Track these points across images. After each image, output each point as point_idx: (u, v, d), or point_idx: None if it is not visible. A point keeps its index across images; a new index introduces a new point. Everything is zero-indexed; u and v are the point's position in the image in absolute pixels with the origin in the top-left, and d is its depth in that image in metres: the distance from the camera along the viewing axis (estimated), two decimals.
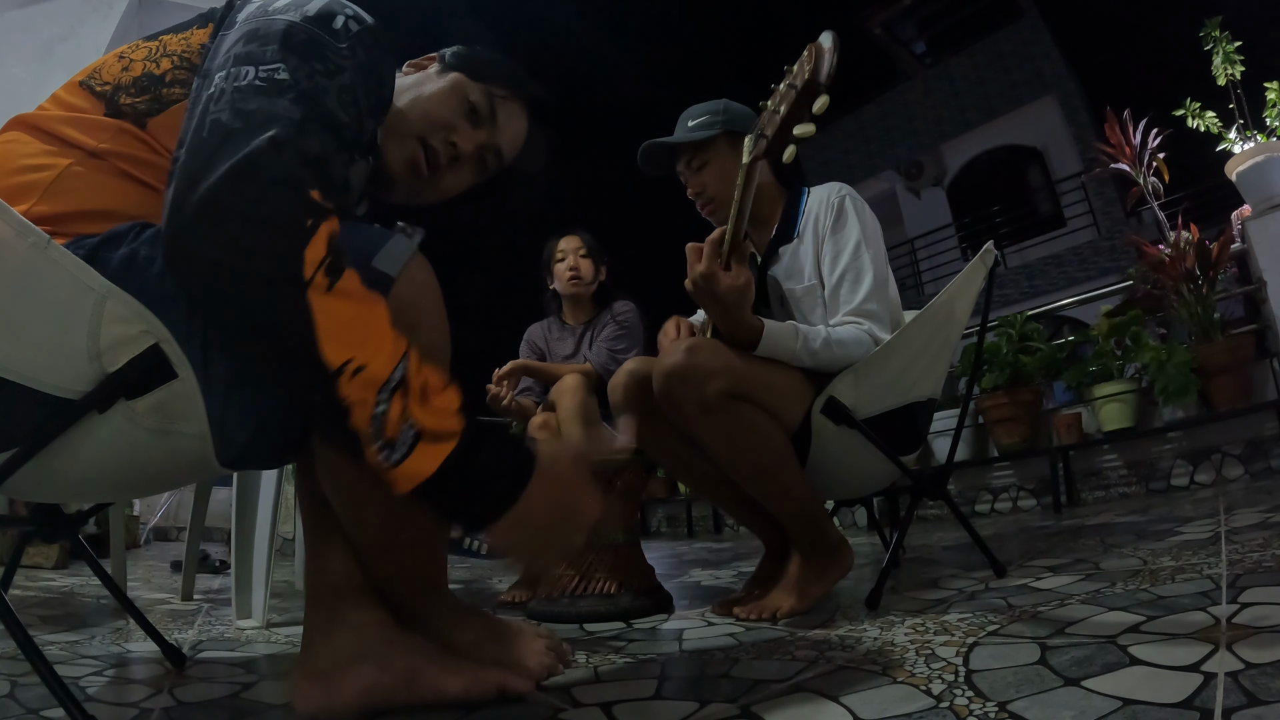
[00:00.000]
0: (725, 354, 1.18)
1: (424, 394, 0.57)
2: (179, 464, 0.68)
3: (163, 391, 0.62)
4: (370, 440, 0.56)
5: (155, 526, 5.10)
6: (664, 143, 1.44)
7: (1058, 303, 4.43)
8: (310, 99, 0.61)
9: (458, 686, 0.71)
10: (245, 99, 0.58)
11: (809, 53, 1.01)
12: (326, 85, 0.63)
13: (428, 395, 0.57)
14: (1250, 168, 2.94)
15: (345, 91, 0.64)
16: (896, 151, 12.37)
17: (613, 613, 1.36)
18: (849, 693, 0.71)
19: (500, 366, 2.00)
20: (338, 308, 0.54)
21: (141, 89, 0.71)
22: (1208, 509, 1.92)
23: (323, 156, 0.59)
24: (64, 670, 0.90)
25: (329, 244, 0.55)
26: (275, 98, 0.59)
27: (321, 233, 0.55)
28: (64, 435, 0.61)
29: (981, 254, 1.31)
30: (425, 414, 0.57)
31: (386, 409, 0.55)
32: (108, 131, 0.69)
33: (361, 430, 0.55)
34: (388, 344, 0.57)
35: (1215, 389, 2.68)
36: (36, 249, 0.58)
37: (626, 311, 2.10)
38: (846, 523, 3.58)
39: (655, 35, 16.52)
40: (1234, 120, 3.08)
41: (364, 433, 0.55)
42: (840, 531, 1.32)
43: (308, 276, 0.53)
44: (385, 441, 0.55)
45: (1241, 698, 0.56)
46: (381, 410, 0.55)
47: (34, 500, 0.96)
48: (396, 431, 0.55)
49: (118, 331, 0.60)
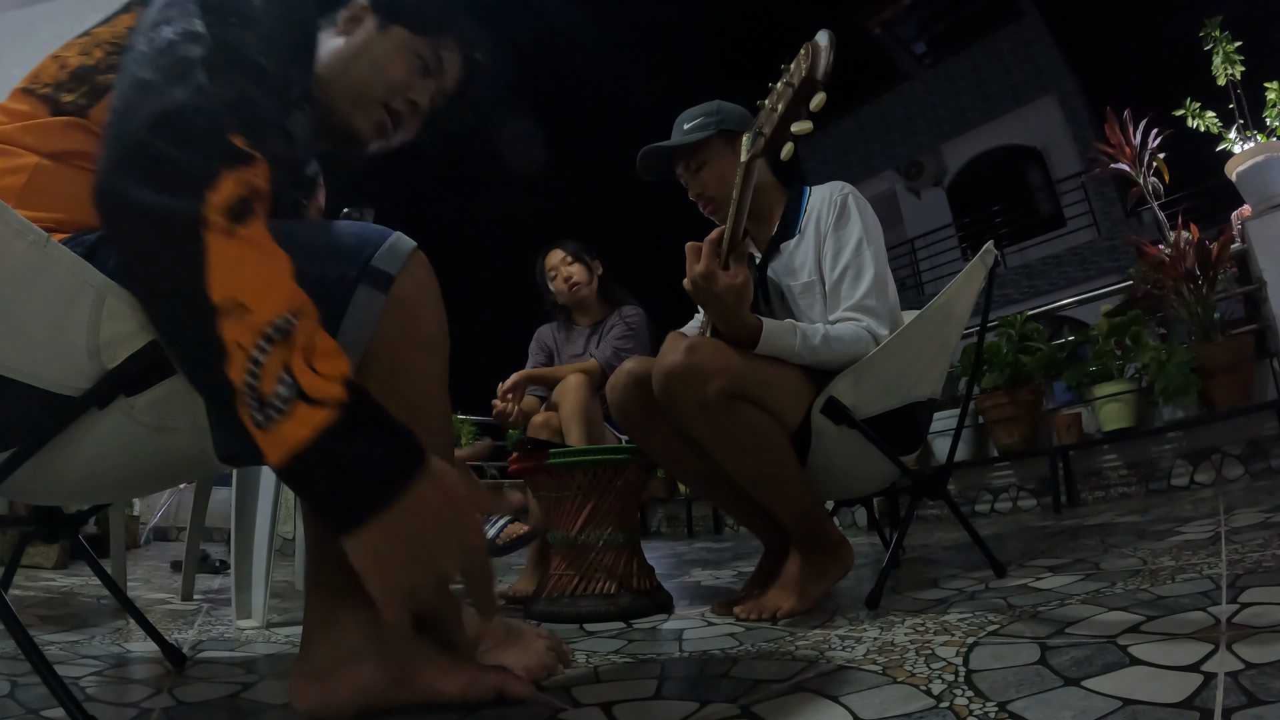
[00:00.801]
0: (725, 354, 1.18)
1: (309, 354, 0.52)
2: (178, 461, 0.68)
3: (162, 388, 0.62)
4: (243, 395, 0.51)
5: (155, 526, 5.11)
6: (661, 147, 1.44)
7: (1058, 303, 4.42)
8: (227, 48, 0.61)
9: (456, 687, 0.71)
10: (163, 54, 0.59)
11: (806, 50, 1.02)
12: (243, 35, 0.63)
13: (313, 356, 0.52)
14: (1250, 168, 2.94)
15: (264, 40, 0.65)
16: (896, 151, 12.37)
17: (613, 613, 1.36)
18: (849, 693, 0.71)
19: (502, 375, 1.99)
20: (234, 251, 0.52)
21: (79, 81, 0.72)
22: (1208, 509, 1.92)
23: (243, 103, 0.59)
24: (64, 670, 0.90)
25: (244, 188, 0.54)
26: (191, 47, 0.59)
27: (235, 176, 0.54)
28: (63, 433, 0.61)
29: (981, 254, 1.31)
30: (307, 375, 0.52)
31: (264, 359, 0.51)
32: (55, 131, 0.70)
33: (235, 382, 0.51)
34: (281, 295, 0.53)
35: (1215, 389, 2.68)
36: (36, 247, 0.58)
37: (634, 315, 2.13)
38: (846, 523, 3.58)
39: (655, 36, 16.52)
40: (1234, 120, 3.08)
41: (238, 385, 0.51)
42: (840, 531, 1.32)
43: (209, 216, 0.52)
44: (259, 398, 0.51)
45: (1241, 698, 0.55)
46: (258, 360, 0.51)
47: (34, 502, 0.96)
48: (272, 388, 0.51)
49: (117, 328, 0.60)
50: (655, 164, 1.48)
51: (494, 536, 1.47)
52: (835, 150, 12.92)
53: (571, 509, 1.47)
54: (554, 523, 1.51)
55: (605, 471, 1.47)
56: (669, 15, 16.12)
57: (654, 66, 15.54)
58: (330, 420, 0.51)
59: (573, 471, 1.47)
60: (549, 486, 1.51)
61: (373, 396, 0.55)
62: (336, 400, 0.52)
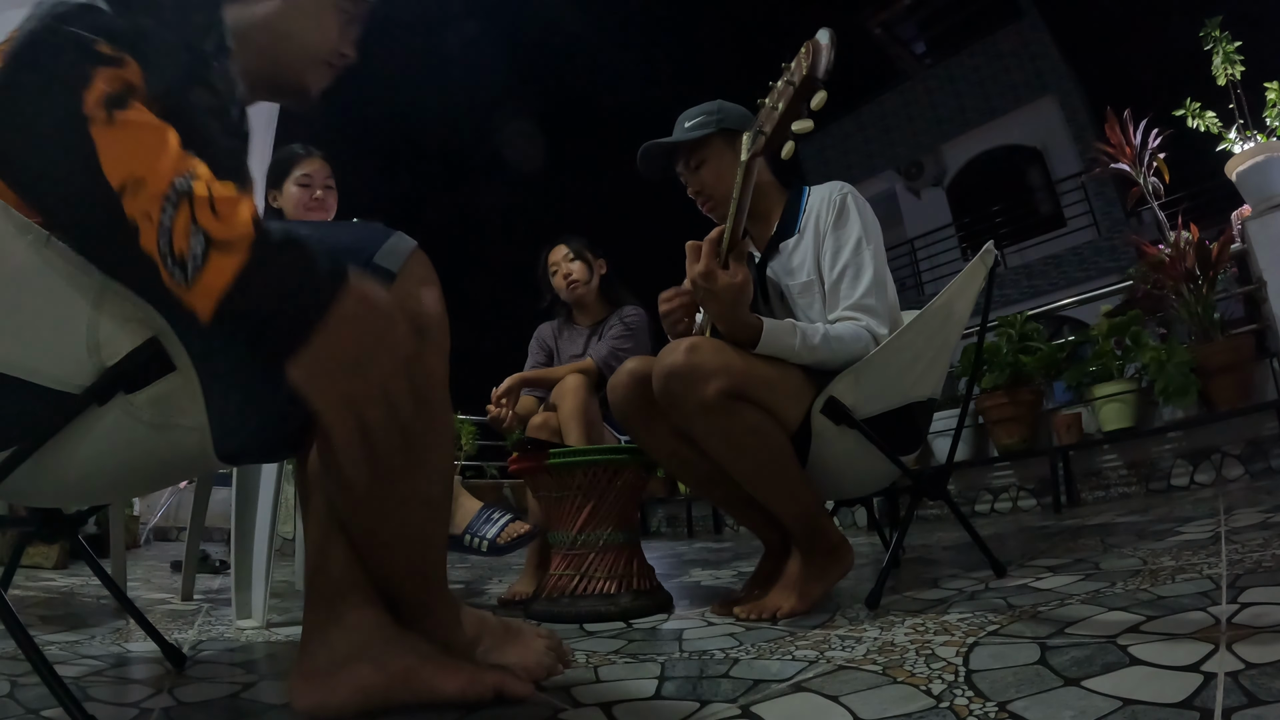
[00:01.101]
0: (725, 353, 1.18)
1: (212, 204, 0.54)
2: (177, 459, 0.68)
3: (161, 385, 0.62)
4: (163, 262, 0.53)
5: (155, 526, 5.11)
6: (661, 144, 1.44)
7: (1058, 303, 4.42)
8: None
9: (455, 686, 0.71)
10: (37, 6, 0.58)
11: (806, 49, 1.02)
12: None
13: (217, 205, 0.54)
14: (1250, 168, 2.94)
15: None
16: (896, 151, 12.36)
17: (613, 613, 1.36)
18: (849, 693, 0.71)
19: (502, 375, 1.97)
20: (119, 135, 0.53)
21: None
22: (1208, 509, 1.92)
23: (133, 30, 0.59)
24: (64, 670, 0.90)
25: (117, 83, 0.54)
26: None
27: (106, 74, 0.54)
28: (63, 432, 0.61)
29: (981, 254, 1.31)
30: (214, 224, 0.53)
31: (172, 222, 0.52)
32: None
33: (152, 251, 0.53)
34: (171, 159, 0.54)
35: (1215, 389, 2.68)
36: (36, 245, 0.58)
37: (634, 315, 2.12)
38: (846, 523, 3.58)
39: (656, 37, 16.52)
40: (1234, 120, 3.08)
41: (155, 254, 0.53)
42: (840, 531, 1.32)
43: (88, 113, 0.52)
44: (176, 259, 0.52)
45: (1241, 698, 0.55)
46: (167, 222, 0.52)
47: (33, 504, 0.96)
48: (185, 244, 0.52)
49: (116, 325, 0.60)
50: (655, 161, 1.48)
51: (495, 536, 1.47)
52: (835, 150, 12.91)
53: (571, 509, 1.47)
54: (554, 523, 1.51)
55: (605, 471, 1.46)
56: (669, 14, 16.13)
57: (654, 65, 15.55)
58: (245, 259, 0.53)
59: (573, 471, 1.47)
60: (549, 486, 1.51)
61: (285, 226, 0.57)
62: (247, 239, 0.53)
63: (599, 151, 17.89)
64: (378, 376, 0.57)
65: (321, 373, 0.56)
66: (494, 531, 1.49)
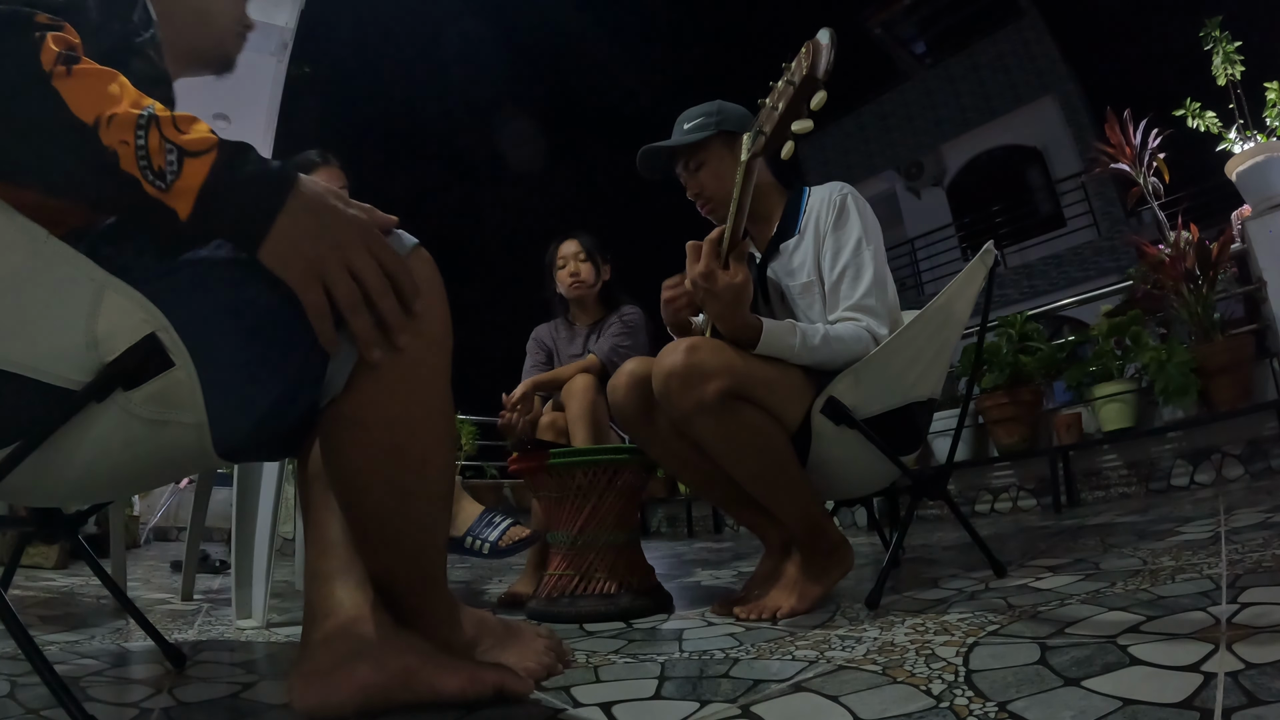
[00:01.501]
0: (725, 354, 1.18)
1: (175, 123, 0.60)
2: (177, 456, 0.68)
3: (160, 381, 0.62)
4: (144, 177, 0.59)
5: (155, 526, 5.11)
6: (661, 146, 1.44)
7: (1058, 303, 4.42)
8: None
9: (455, 685, 0.71)
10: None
11: (806, 49, 1.02)
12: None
13: (179, 123, 0.61)
14: (1250, 168, 2.94)
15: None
16: (896, 151, 12.37)
17: (613, 613, 1.36)
18: (849, 693, 0.71)
19: (502, 374, 1.98)
20: (80, 82, 0.58)
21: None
22: (1208, 509, 1.92)
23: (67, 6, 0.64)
24: (64, 670, 0.91)
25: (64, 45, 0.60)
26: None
27: (53, 37, 0.59)
28: (63, 430, 0.61)
29: (981, 254, 1.31)
30: (182, 136, 0.60)
31: (146, 140, 0.59)
32: None
33: (133, 172, 0.59)
34: (131, 95, 0.61)
35: (1215, 389, 2.68)
36: (35, 243, 0.58)
37: (632, 314, 2.13)
38: (846, 523, 3.58)
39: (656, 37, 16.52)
40: (1234, 120, 3.08)
41: (137, 174, 0.59)
42: (840, 531, 1.32)
43: (47, 71, 0.57)
44: (156, 173, 0.59)
45: (1241, 698, 0.55)
46: (142, 142, 0.59)
47: (33, 504, 0.96)
48: (161, 158, 0.59)
49: (115, 320, 0.61)
50: (655, 163, 1.48)
51: (496, 539, 1.47)
52: (835, 150, 12.91)
53: (572, 509, 1.47)
54: (554, 523, 1.51)
55: (605, 472, 1.47)
56: (670, 14, 16.13)
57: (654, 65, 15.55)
58: (215, 158, 0.60)
59: (573, 472, 1.47)
60: (549, 487, 1.51)
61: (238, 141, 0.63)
62: (212, 144, 0.61)
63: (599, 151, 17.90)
64: (336, 244, 0.64)
65: (289, 249, 0.63)
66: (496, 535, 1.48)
